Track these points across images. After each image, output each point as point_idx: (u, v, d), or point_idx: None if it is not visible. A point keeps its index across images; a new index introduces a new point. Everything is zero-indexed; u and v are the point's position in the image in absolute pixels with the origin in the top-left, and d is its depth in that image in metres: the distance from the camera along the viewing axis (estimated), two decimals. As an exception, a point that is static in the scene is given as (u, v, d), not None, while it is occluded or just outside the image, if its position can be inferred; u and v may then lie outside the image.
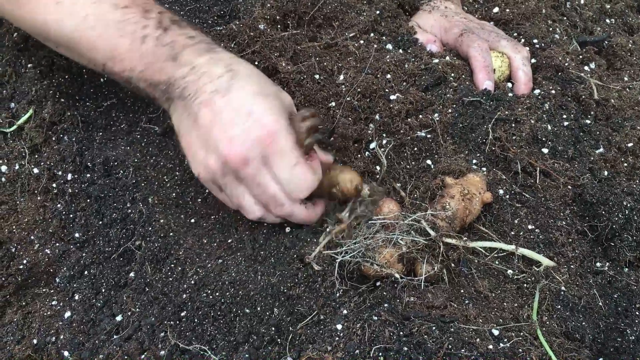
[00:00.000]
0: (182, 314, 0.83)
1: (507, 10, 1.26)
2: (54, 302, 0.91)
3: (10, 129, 1.06)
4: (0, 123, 1.07)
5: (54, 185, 1.00)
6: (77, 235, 0.96)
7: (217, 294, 0.83)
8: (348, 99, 1.00)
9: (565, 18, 1.32)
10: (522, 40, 1.21)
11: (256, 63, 1.02)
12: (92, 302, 0.89)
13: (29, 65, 1.09)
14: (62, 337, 0.87)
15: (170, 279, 0.88)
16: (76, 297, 0.90)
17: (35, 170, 1.01)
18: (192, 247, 0.91)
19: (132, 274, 0.90)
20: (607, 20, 1.37)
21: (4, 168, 1.03)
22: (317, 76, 1.03)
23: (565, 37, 1.27)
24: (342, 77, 1.03)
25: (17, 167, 1.03)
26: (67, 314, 0.89)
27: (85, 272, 0.92)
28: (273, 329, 0.79)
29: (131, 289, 0.88)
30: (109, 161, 1.00)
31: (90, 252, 0.93)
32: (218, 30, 1.08)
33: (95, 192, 0.97)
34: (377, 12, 1.17)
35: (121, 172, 0.98)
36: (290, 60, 1.05)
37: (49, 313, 0.90)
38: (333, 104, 1.01)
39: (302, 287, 0.83)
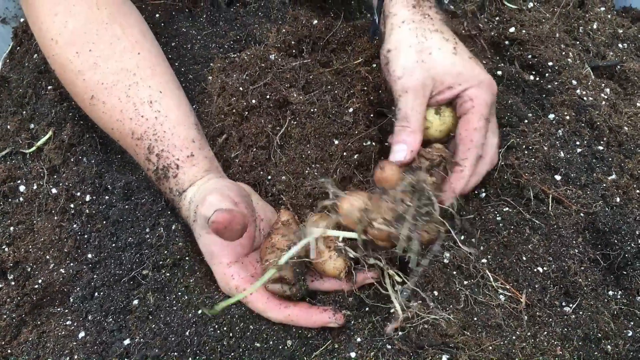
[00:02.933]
0: (187, 348, 0.82)
1: (524, 31, 1.26)
2: (68, 322, 0.92)
3: (29, 149, 1.08)
4: (20, 144, 1.08)
5: (72, 205, 1.01)
6: (89, 256, 0.96)
7: (225, 328, 0.82)
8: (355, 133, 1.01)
9: (578, 42, 1.32)
10: (536, 61, 1.22)
11: (268, 96, 1.03)
12: (104, 325, 0.89)
13: (49, 87, 1.11)
14: (76, 357, 0.87)
15: (175, 308, 0.87)
16: (89, 318, 0.91)
17: (54, 191, 1.02)
18: (204, 277, 0.90)
19: (135, 302, 0.89)
20: (620, 45, 1.37)
21: (22, 188, 1.05)
22: (327, 109, 1.03)
23: (578, 61, 1.28)
24: (351, 109, 1.03)
25: (35, 187, 1.04)
26: (81, 334, 0.89)
27: (96, 294, 0.92)
28: (287, 360, 0.78)
29: (135, 317, 0.88)
30: (131, 186, 1.01)
31: (101, 274, 0.93)
32: (232, 58, 1.10)
33: (114, 216, 0.97)
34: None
35: (146, 197, 0.98)
36: (302, 89, 1.05)
37: (63, 333, 0.91)
38: (336, 141, 1.02)
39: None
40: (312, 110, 1.02)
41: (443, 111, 0.95)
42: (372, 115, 1.05)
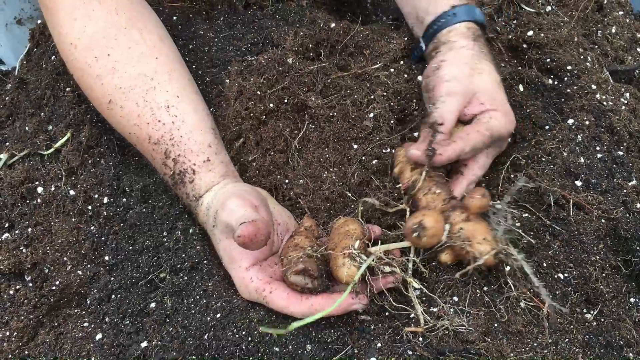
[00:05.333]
0: (205, 352, 0.81)
1: (542, 34, 1.25)
2: (85, 324, 0.92)
3: (47, 151, 1.08)
4: (38, 145, 1.09)
5: (89, 207, 1.01)
6: (107, 258, 0.96)
7: (244, 332, 0.81)
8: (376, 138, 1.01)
9: (596, 46, 1.31)
10: (555, 65, 1.21)
11: (285, 100, 1.03)
12: (121, 327, 0.89)
13: (67, 89, 1.12)
14: (93, 359, 0.87)
15: (192, 312, 0.86)
16: (106, 320, 0.90)
17: (72, 192, 1.03)
18: (222, 280, 0.89)
19: (152, 305, 0.89)
20: (638, 49, 1.36)
21: (40, 189, 1.05)
22: (347, 113, 1.02)
23: (597, 65, 1.27)
24: (372, 114, 1.03)
25: (52, 188, 1.05)
26: (99, 336, 0.89)
27: (113, 296, 0.92)
28: (306, 365, 0.78)
29: (152, 320, 0.88)
30: (149, 189, 1.00)
31: (118, 277, 0.93)
32: (249, 61, 1.09)
33: (131, 219, 0.97)
34: (406, 38, 1.18)
35: (163, 201, 0.98)
36: (320, 93, 1.05)
37: (80, 334, 0.91)
38: (355, 146, 1.02)
39: (336, 325, 0.82)
40: (331, 114, 1.01)
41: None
42: (392, 121, 1.04)
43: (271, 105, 1.02)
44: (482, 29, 1.09)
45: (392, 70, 1.10)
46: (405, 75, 1.10)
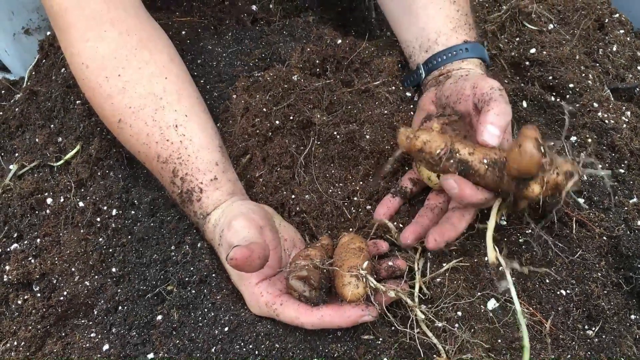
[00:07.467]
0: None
1: (544, 52, 1.27)
2: (92, 334, 0.92)
3: (57, 163, 1.10)
4: (48, 157, 1.10)
5: (98, 219, 1.02)
6: (114, 270, 0.97)
7: (251, 346, 0.82)
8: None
9: (597, 64, 1.33)
10: (557, 82, 1.22)
11: (291, 117, 1.04)
12: (128, 339, 0.90)
13: (77, 102, 1.13)
14: (100, 370, 0.88)
15: (200, 324, 0.87)
16: (113, 331, 0.91)
17: (81, 204, 1.04)
18: (230, 294, 0.90)
19: (159, 317, 0.90)
20: (639, 67, 1.38)
21: (49, 200, 1.06)
22: (350, 129, 1.04)
23: (598, 83, 1.29)
24: (367, 136, 1.04)
25: (62, 200, 1.06)
26: (106, 347, 0.90)
27: (120, 308, 0.93)
28: (313, 379, 0.78)
29: (159, 332, 0.88)
30: (157, 202, 1.02)
31: (125, 289, 0.94)
32: (256, 77, 1.11)
33: (139, 233, 0.98)
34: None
35: (172, 215, 0.99)
36: (325, 110, 1.06)
37: (87, 345, 0.91)
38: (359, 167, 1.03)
39: (343, 339, 0.83)
40: (334, 132, 1.03)
41: None
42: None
43: (277, 122, 1.03)
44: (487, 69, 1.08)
45: (392, 88, 1.11)
46: (409, 94, 1.11)
